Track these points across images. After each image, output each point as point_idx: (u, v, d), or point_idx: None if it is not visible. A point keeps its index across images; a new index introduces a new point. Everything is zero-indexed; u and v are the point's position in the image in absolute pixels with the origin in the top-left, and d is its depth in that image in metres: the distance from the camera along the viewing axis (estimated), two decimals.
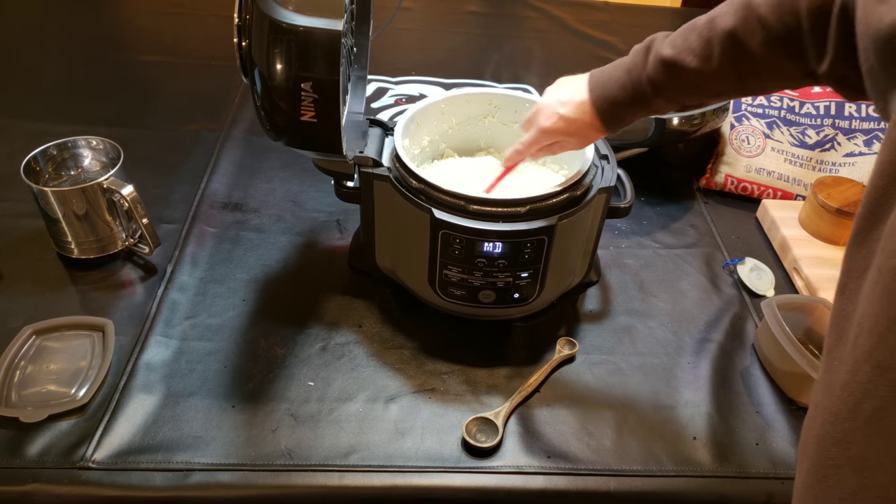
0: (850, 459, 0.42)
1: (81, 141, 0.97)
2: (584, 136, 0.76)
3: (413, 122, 0.91)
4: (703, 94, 0.68)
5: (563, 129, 0.75)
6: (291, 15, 0.67)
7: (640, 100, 0.69)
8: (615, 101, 0.71)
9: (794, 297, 0.95)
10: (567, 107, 0.73)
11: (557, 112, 0.74)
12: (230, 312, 0.90)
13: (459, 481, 0.74)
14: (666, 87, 0.67)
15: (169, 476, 0.72)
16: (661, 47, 0.67)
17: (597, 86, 0.72)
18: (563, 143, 0.78)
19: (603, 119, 0.72)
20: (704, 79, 0.65)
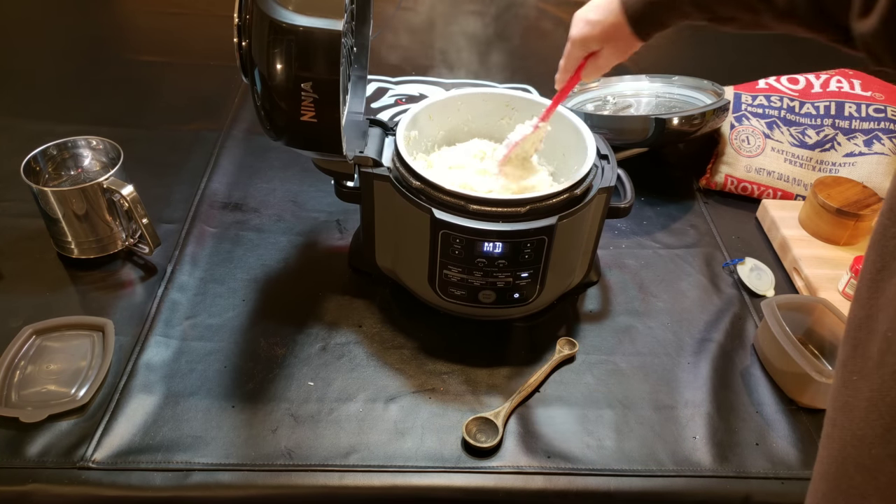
0: (878, 489, 0.39)
1: (81, 141, 0.97)
2: (616, 41, 0.71)
3: (425, 114, 0.92)
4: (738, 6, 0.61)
5: (591, 34, 0.71)
6: (291, 15, 0.67)
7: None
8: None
9: (794, 297, 0.95)
10: (594, 10, 0.70)
11: (585, 17, 0.71)
12: (230, 312, 0.90)
13: (459, 481, 0.74)
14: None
15: (169, 476, 0.72)
16: None
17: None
18: (602, 53, 0.73)
19: (631, 19, 0.67)
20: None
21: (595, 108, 1.25)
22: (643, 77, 1.31)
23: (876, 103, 1.17)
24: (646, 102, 1.25)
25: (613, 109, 1.25)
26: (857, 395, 0.40)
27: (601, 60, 0.75)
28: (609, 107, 1.26)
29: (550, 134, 0.95)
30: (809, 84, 1.22)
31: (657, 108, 1.23)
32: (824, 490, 0.43)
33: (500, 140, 0.98)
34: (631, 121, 1.15)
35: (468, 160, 0.92)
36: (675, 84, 1.27)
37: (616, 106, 1.26)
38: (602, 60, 0.75)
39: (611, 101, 1.27)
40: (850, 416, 0.41)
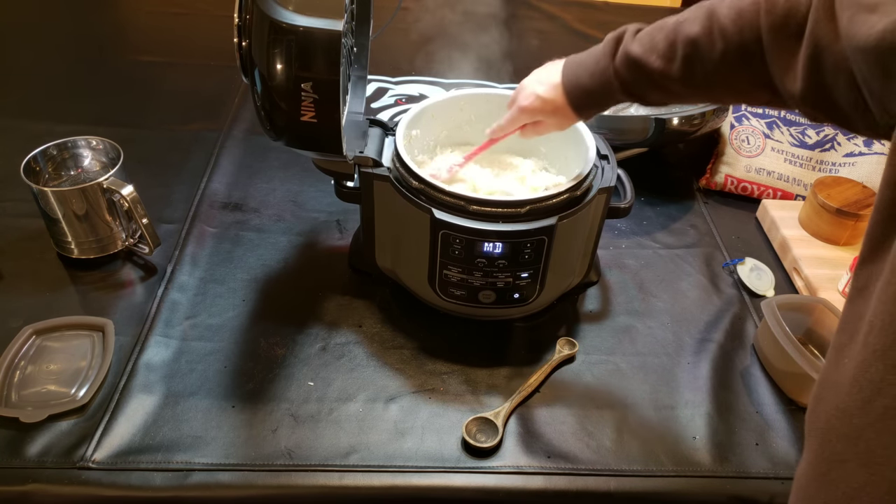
0: (857, 455, 0.42)
1: (81, 141, 0.97)
2: (560, 117, 0.77)
3: (428, 113, 0.92)
4: (666, 94, 0.68)
5: (539, 108, 0.77)
6: (291, 15, 0.67)
7: (606, 90, 0.70)
8: (584, 88, 0.72)
9: (794, 297, 0.95)
10: (544, 86, 0.76)
11: (535, 91, 0.76)
12: (230, 312, 0.90)
13: (459, 481, 0.74)
14: (630, 83, 0.68)
15: (169, 476, 0.72)
16: (629, 43, 0.67)
17: (569, 71, 0.74)
18: (544, 123, 0.80)
19: (572, 104, 0.74)
20: (667, 80, 0.65)
21: None
22: None
23: None
24: None
25: (613, 109, 1.25)
26: (842, 373, 0.44)
27: (542, 127, 0.81)
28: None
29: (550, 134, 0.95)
30: None
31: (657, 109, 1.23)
32: (809, 460, 0.47)
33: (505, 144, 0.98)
34: (631, 121, 1.15)
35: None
36: None
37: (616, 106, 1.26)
38: (543, 127, 0.81)
39: None
40: (835, 392, 0.44)
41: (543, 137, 0.94)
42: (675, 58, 0.64)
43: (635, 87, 0.68)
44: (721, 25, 0.59)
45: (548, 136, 0.94)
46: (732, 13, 0.58)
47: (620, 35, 0.69)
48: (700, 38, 0.61)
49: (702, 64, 0.62)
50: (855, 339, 0.44)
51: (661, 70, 0.65)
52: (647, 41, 0.66)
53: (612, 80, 0.69)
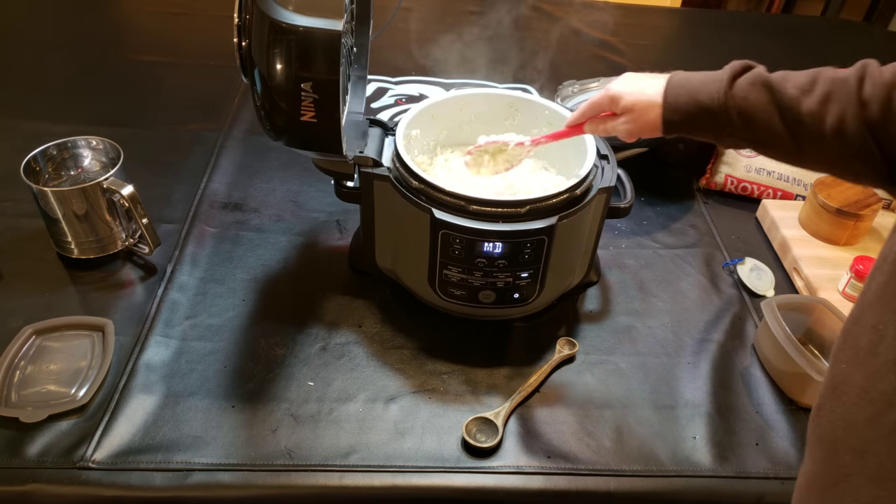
0: (865, 469, 0.41)
1: (81, 141, 0.97)
2: (636, 121, 0.70)
3: (428, 113, 0.92)
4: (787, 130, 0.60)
5: (622, 96, 0.70)
6: (291, 15, 0.67)
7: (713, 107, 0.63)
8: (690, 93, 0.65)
9: (794, 297, 0.95)
10: (645, 81, 0.69)
11: (634, 81, 0.70)
12: (230, 312, 0.90)
13: (459, 481, 0.74)
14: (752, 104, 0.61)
15: (169, 476, 0.72)
16: (763, 71, 0.62)
17: (678, 77, 0.67)
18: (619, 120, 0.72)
19: (666, 107, 0.66)
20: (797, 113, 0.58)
21: None
22: None
23: None
24: None
25: None
26: (847, 381, 0.43)
27: (611, 125, 0.74)
28: None
29: None
30: None
31: None
32: (814, 470, 0.46)
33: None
34: None
35: None
36: None
37: None
38: (612, 125, 0.74)
39: None
40: (841, 402, 0.43)
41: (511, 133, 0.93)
42: (812, 91, 0.58)
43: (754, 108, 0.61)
44: (876, 73, 0.55)
45: None
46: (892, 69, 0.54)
47: (749, 63, 0.64)
48: (849, 78, 0.56)
49: (839, 104, 0.56)
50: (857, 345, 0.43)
51: (793, 98, 0.58)
52: (783, 74, 0.61)
53: (726, 97, 0.62)
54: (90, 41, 1.52)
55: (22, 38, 1.50)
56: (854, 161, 0.57)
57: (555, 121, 0.93)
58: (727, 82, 0.62)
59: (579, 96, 1.30)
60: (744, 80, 0.62)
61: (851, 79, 0.56)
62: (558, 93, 1.31)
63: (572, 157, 0.90)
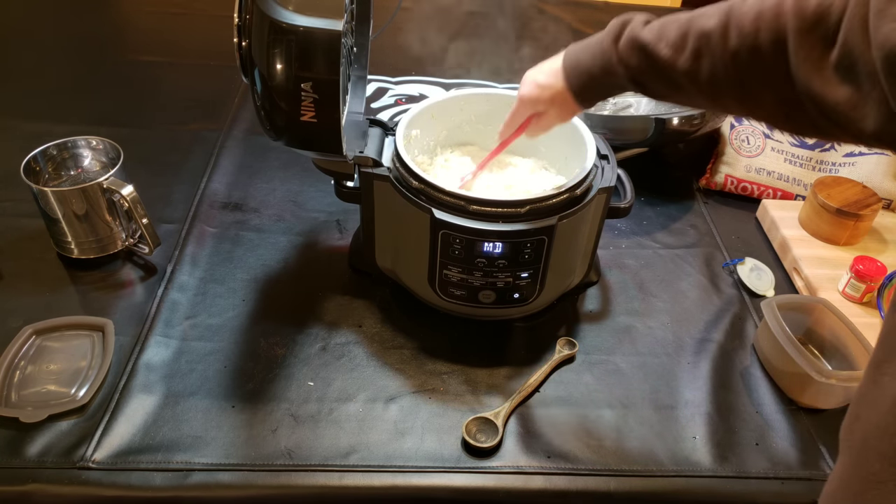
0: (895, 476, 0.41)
1: (81, 141, 0.97)
2: (560, 107, 0.75)
3: (428, 114, 0.92)
4: (670, 87, 0.65)
5: (538, 96, 0.75)
6: (291, 15, 0.67)
7: (608, 74, 0.68)
8: (585, 70, 0.70)
9: (794, 297, 0.95)
10: (544, 74, 0.74)
11: (535, 80, 0.75)
12: (230, 312, 0.90)
13: (459, 481, 0.74)
14: (634, 68, 0.65)
15: (169, 476, 0.72)
16: (638, 29, 0.65)
17: (570, 54, 0.72)
18: (547, 115, 0.77)
19: (572, 88, 0.72)
20: (673, 72, 0.62)
21: (595, 108, 1.25)
22: None
23: None
24: (646, 102, 1.25)
25: (613, 109, 1.25)
26: (884, 392, 0.43)
27: (545, 121, 0.79)
28: (609, 107, 1.26)
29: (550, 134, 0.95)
30: None
31: (657, 108, 1.23)
32: (842, 476, 0.46)
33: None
34: (631, 121, 1.15)
35: None
36: None
37: (616, 106, 1.26)
38: (545, 121, 0.79)
39: (611, 101, 1.27)
40: (876, 411, 0.43)
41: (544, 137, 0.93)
42: (684, 49, 0.61)
43: (639, 74, 0.65)
44: (739, 23, 0.57)
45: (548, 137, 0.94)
46: (752, 12, 0.56)
47: (626, 21, 0.66)
48: (714, 32, 0.59)
49: (711, 58, 0.59)
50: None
51: (668, 59, 0.62)
52: (658, 29, 0.63)
53: (616, 65, 0.66)
54: (90, 41, 1.52)
55: (22, 38, 1.50)
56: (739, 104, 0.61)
57: None
58: (612, 49, 0.66)
59: None
60: (623, 43, 0.65)
61: (716, 32, 0.59)
62: None
63: (572, 158, 0.90)
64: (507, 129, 0.83)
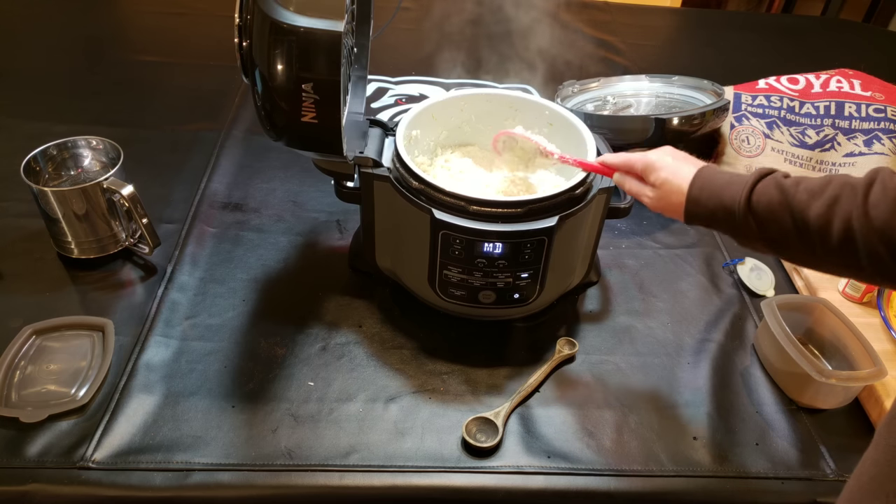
0: None
1: (81, 141, 0.97)
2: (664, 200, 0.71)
3: (428, 114, 0.92)
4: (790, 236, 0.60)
5: (654, 173, 0.71)
6: (292, 16, 0.67)
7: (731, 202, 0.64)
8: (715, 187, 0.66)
9: (794, 297, 0.95)
10: (679, 165, 0.71)
11: (669, 163, 0.71)
12: (230, 312, 0.90)
13: (459, 481, 0.74)
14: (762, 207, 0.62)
15: (169, 476, 0.72)
16: (781, 176, 0.62)
17: (705, 170, 0.69)
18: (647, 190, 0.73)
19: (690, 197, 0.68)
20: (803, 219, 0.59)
21: (595, 108, 1.25)
22: (643, 77, 1.31)
23: (876, 103, 1.17)
24: (646, 102, 1.25)
25: (613, 109, 1.25)
26: None
27: (637, 188, 0.75)
28: (609, 107, 1.26)
29: (551, 134, 0.95)
30: (809, 84, 1.22)
31: (657, 108, 1.23)
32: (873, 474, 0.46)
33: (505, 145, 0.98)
34: (631, 121, 1.15)
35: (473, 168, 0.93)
36: (675, 84, 1.27)
37: (616, 106, 1.26)
38: (638, 189, 0.75)
39: (611, 101, 1.27)
40: None
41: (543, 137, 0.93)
42: (822, 194, 0.57)
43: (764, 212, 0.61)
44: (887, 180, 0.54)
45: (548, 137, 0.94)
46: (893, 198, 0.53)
47: (767, 171, 0.64)
48: (857, 183, 0.55)
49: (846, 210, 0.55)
50: None
51: (801, 201, 0.58)
52: (801, 178, 0.61)
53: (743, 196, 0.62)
54: (90, 41, 1.52)
55: (22, 38, 1.50)
56: (866, 265, 0.56)
57: (555, 121, 0.93)
58: (749, 186, 0.63)
59: (579, 96, 1.30)
60: (762, 184, 0.62)
61: (860, 183, 0.56)
62: (558, 93, 1.31)
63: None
64: (611, 162, 0.79)
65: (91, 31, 1.56)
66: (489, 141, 0.99)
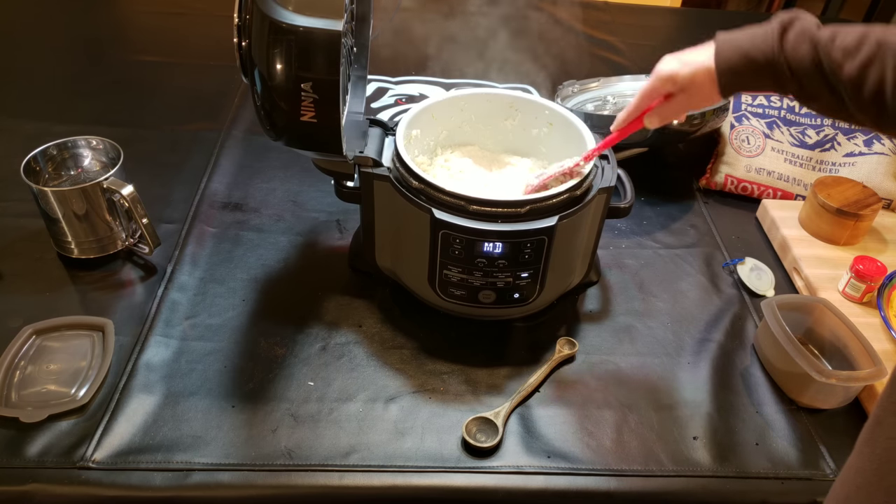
0: None
1: (81, 141, 0.97)
2: (697, 90, 0.69)
3: (428, 114, 0.92)
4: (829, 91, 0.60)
5: (677, 72, 0.69)
6: (291, 15, 0.67)
7: (767, 63, 0.63)
8: (744, 54, 0.64)
9: (794, 297, 0.95)
10: (687, 55, 0.69)
11: (677, 57, 0.70)
12: (230, 312, 0.90)
13: (459, 481, 0.74)
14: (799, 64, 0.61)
15: (169, 476, 0.72)
16: (813, 27, 0.61)
17: (726, 39, 0.66)
18: (675, 100, 0.72)
19: (720, 69, 0.66)
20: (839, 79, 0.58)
21: (595, 108, 1.25)
22: (643, 77, 1.31)
23: None
24: None
25: (613, 109, 1.25)
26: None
27: (668, 108, 0.73)
28: (609, 107, 1.26)
29: (551, 134, 0.95)
30: None
31: None
32: (860, 483, 0.46)
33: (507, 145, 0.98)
34: None
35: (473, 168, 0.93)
36: None
37: (616, 106, 1.26)
38: (670, 108, 0.73)
39: (611, 101, 1.27)
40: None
41: (544, 138, 0.94)
42: (857, 54, 0.56)
43: (801, 69, 0.60)
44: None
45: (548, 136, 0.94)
46: None
47: (794, 17, 0.62)
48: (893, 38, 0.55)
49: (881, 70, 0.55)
50: None
51: (838, 62, 0.58)
52: (833, 31, 0.60)
53: (778, 54, 0.61)
54: (90, 41, 1.52)
55: (22, 38, 1.50)
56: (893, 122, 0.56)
57: (555, 121, 0.93)
58: (778, 38, 0.61)
59: (579, 96, 1.30)
60: (792, 35, 0.61)
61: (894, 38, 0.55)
62: (558, 93, 1.31)
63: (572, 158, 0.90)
64: (629, 113, 0.76)
65: (91, 31, 1.56)
66: (489, 141, 0.99)
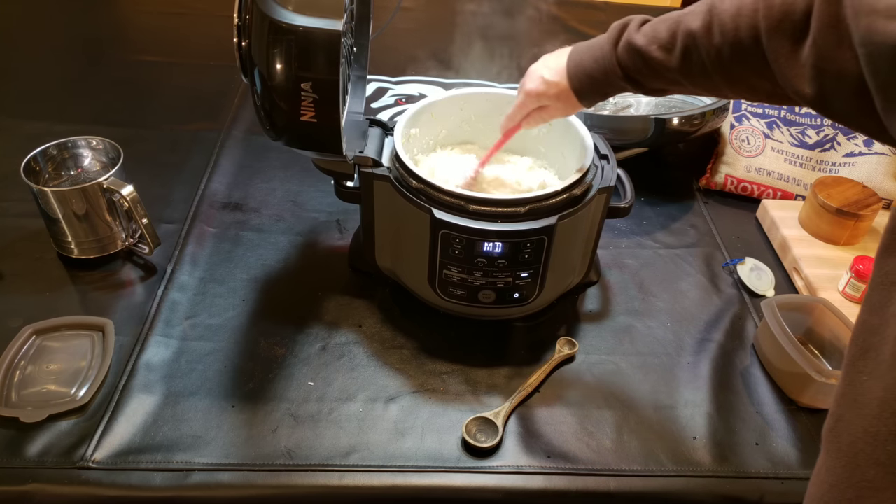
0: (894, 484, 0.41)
1: (81, 141, 0.97)
2: (564, 102, 0.77)
3: (427, 113, 0.92)
4: (666, 83, 0.69)
5: (543, 91, 0.77)
6: (291, 15, 0.67)
7: (608, 77, 0.71)
8: (587, 73, 0.73)
9: (794, 297, 0.95)
10: (550, 70, 0.76)
11: (541, 75, 0.77)
12: (230, 312, 0.90)
13: (459, 481, 0.74)
14: (632, 70, 0.69)
15: (169, 476, 0.72)
16: (633, 33, 0.68)
17: (574, 56, 0.74)
18: (550, 108, 0.79)
19: (574, 88, 0.75)
20: (667, 70, 0.66)
21: (595, 108, 1.25)
22: None
23: None
24: (646, 102, 1.25)
25: (613, 109, 1.25)
26: (867, 394, 0.42)
27: (547, 113, 0.81)
28: (609, 107, 1.26)
29: (549, 133, 0.95)
30: None
31: (657, 108, 1.23)
32: (832, 482, 0.45)
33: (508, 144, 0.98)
34: (631, 121, 1.15)
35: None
36: None
37: (616, 106, 1.26)
38: (548, 113, 0.81)
39: (611, 101, 1.27)
40: (861, 414, 0.43)
41: (543, 137, 0.94)
42: (674, 49, 0.64)
43: (636, 74, 0.69)
44: (720, 21, 0.60)
45: (548, 136, 0.94)
46: (732, 10, 0.59)
47: (625, 24, 0.70)
48: (698, 32, 0.62)
49: (699, 56, 0.63)
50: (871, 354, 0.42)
51: (660, 60, 0.66)
52: (650, 32, 0.67)
53: (615, 68, 0.70)
54: (90, 41, 1.52)
55: (22, 38, 1.50)
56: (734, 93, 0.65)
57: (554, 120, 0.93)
58: (611, 53, 0.70)
59: None
60: (620, 47, 0.69)
61: (701, 31, 0.61)
62: None
63: (572, 157, 0.90)
64: (509, 121, 0.84)
65: (91, 31, 1.56)
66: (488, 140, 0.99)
